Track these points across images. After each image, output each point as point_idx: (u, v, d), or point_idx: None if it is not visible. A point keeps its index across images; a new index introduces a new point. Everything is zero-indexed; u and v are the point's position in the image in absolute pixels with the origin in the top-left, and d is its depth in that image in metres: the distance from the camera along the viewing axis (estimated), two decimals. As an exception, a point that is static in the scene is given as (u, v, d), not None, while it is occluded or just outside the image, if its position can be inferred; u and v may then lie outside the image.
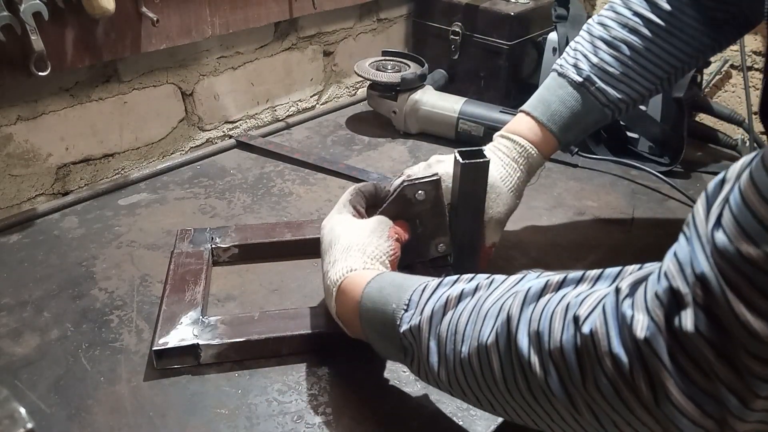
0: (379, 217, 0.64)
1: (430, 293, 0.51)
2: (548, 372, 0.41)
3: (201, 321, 0.65)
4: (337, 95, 1.32)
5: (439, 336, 0.48)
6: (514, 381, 0.43)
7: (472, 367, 0.46)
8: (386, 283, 0.55)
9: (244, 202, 0.93)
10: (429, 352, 0.49)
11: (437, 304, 0.49)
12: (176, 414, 0.59)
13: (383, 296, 0.54)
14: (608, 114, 0.76)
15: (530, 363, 0.42)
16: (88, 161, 0.98)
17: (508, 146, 0.74)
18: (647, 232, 0.88)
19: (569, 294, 0.42)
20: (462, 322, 0.47)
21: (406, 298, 0.52)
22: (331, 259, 0.60)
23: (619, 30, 0.73)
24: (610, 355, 0.37)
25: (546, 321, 0.41)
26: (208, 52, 1.06)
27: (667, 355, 0.35)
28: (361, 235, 0.61)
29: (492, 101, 1.11)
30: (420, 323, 0.50)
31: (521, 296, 0.44)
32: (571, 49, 0.76)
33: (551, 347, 0.40)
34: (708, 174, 1.03)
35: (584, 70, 0.74)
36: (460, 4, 1.21)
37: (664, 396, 0.35)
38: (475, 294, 0.48)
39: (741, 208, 0.32)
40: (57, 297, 0.73)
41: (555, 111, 0.74)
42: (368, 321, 0.55)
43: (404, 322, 0.51)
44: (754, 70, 1.27)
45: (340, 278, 0.58)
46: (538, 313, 0.42)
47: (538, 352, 0.41)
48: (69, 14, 0.82)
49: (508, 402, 0.45)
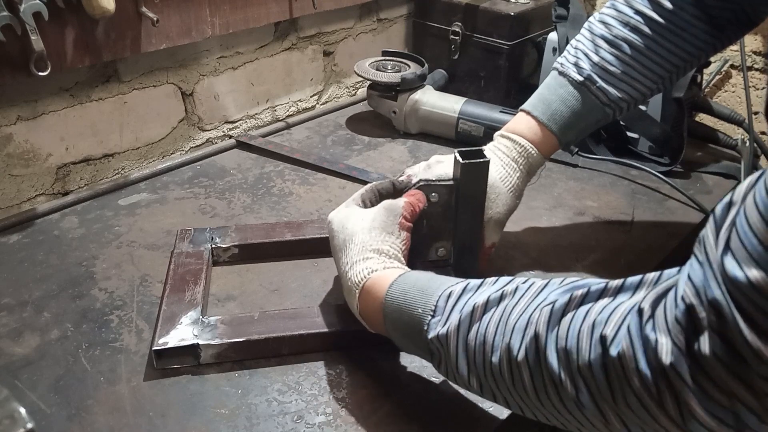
0: (386, 208, 0.64)
1: (455, 300, 0.51)
2: (579, 388, 0.42)
3: (201, 321, 0.65)
4: (337, 95, 1.33)
5: (467, 345, 0.49)
6: (545, 393, 0.45)
7: (503, 377, 0.47)
8: (409, 285, 0.56)
9: (244, 202, 0.93)
10: (458, 360, 0.50)
11: (464, 312, 0.50)
12: (176, 414, 0.59)
13: (408, 300, 0.55)
14: (609, 113, 0.75)
15: (561, 379, 0.43)
16: (88, 161, 0.98)
17: (507, 146, 0.74)
18: (647, 232, 0.88)
19: (593, 310, 0.42)
20: (490, 332, 0.48)
21: (432, 304, 0.52)
22: (349, 260, 0.61)
23: (620, 28, 0.73)
24: (638, 375, 0.38)
25: (573, 339, 0.42)
26: (208, 52, 1.06)
27: (689, 377, 0.36)
28: (373, 234, 0.62)
29: (492, 101, 1.11)
30: (447, 332, 0.50)
31: (547, 313, 0.45)
32: (572, 48, 0.76)
33: (580, 364, 0.41)
34: (708, 174, 1.03)
35: (585, 69, 0.73)
36: (460, 4, 1.21)
37: (689, 414, 0.37)
38: (500, 303, 0.49)
39: (746, 233, 0.33)
40: (57, 297, 0.73)
41: (555, 110, 0.74)
42: (393, 323, 0.56)
43: (431, 328, 0.52)
44: (754, 70, 1.27)
45: (362, 280, 0.59)
46: (565, 331, 0.43)
47: (567, 369, 0.42)
48: (69, 14, 0.83)
49: (539, 408, 0.47)
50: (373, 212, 0.64)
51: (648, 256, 0.83)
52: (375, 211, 0.64)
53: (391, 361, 0.65)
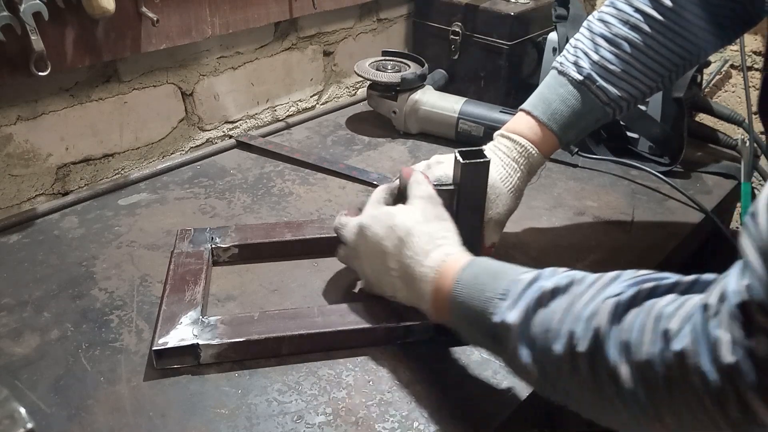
0: (427, 199, 0.65)
1: (525, 286, 0.51)
2: (636, 382, 0.42)
3: (201, 321, 0.65)
4: (337, 95, 1.33)
5: (532, 331, 0.49)
6: (603, 387, 0.44)
7: (564, 367, 0.47)
8: (481, 270, 0.56)
9: (244, 202, 0.93)
10: (521, 347, 0.50)
11: (532, 298, 0.50)
12: (176, 414, 0.59)
13: (478, 283, 0.54)
14: (609, 112, 0.75)
15: (618, 373, 0.42)
16: (88, 161, 0.98)
17: (508, 146, 0.74)
18: (647, 232, 0.88)
19: (660, 303, 0.42)
20: (555, 319, 0.47)
21: (503, 288, 0.52)
22: (416, 253, 0.61)
23: (620, 27, 0.72)
24: (699, 373, 0.38)
25: (636, 333, 0.42)
26: (208, 52, 1.06)
27: (753, 378, 0.35)
28: (432, 225, 0.62)
29: (492, 101, 1.11)
30: (514, 317, 0.50)
31: (612, 305, 0.44)
32: (571, 47, 0.76)
33: (640, 359, 0.41)
34: (708, 174, 1.03)
35: (585, 68, 0.73)
36: (460, 4, 1.21)
37: (752, 415, 0.36)
38: (567, 291, 0.48)
39: None
40: (57, 297, 0.73)
41: (555, 110, 0.74)
42: (459, 306, 0.56)
43: (499, 312, 0.51)
44: (754, 70, 1.27)
45: (440, 264, 0.59)
46: (629, 324, 0.42)
47: (627, 363, 0.42)
48: (69, 14, 0.82)
49: (595, 405, 0.47)
50: (417, 206, 0.64)
51: (648, 256, 0.83)
52: (418, 204, 0.64)
53: (392, 361, 0.65)
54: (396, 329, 0.66)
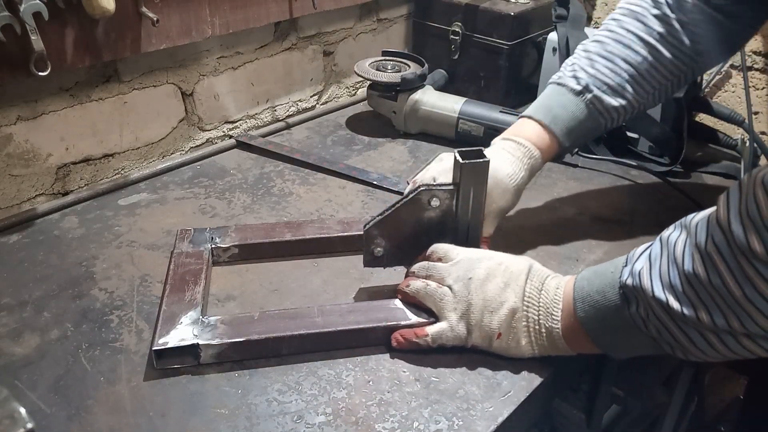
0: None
1: (642, 249, 0.56)
2: (765, 240, 0.45)
3: (201, 321, 0.65)
4: (337, 95, 1.33)
5: (660, 267, 0.53)
6: (738, 270, 0.47)
7: (700, 278, 0.49)
8: (590, 271, 0.60)
9: (244, 202, 0.93)
10: (654, 288, 0.52)
11: (653, 249, 0.55)
12: (176, 414, 0.59)
13: (597, 272, 0.59)
14: (606, 121, 0.78)
15: (749, 244, 0.46)
16: (88, 161, 0.98)
17: (513, 147, 0.76)
18: (647, 232, 0.88)
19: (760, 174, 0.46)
20: (679, 247, 0.52)
21: (623, 260, 0.57)
22: (534, 285, 0.63)
23: (614, 45, 0.76)
24: None
25: (752, 202, 0.46)
26: (208, 52, 1.06)
27: None
28: (519, 259, 0.65)
29: (492, 101, 1.11)
30: (641, 267, 0.54)
31: (724, 199, 0.49)
32: (568, 65, 0.79)
33: (765, 216, 0.45)
34: (708, 174, 1.03)
35: (583, 79, 0.76)
36: (460, 4, 1.21)
37: None
38: (680, 228, 0.53)
39: None
40: (57, 297, 0.73)
41: (557, 115, 0.77)
42: (583, 299, 0.59)
43: (624, 274, 0.55)
44: (754, 70, 1.27)
45: (560, 290, 0.62)
46: (747, 196, 0.47)
47: (752, 230, 0.45)
48: (69, 14, 0.82)
49: (733, 312, 0.48)
50: (488, 251, 0.67)
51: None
52: (485, 250, 0.69)
53: (391, 360, 0.65)
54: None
